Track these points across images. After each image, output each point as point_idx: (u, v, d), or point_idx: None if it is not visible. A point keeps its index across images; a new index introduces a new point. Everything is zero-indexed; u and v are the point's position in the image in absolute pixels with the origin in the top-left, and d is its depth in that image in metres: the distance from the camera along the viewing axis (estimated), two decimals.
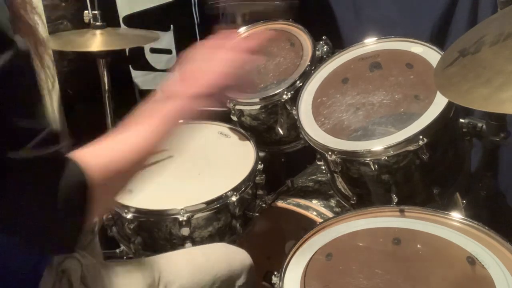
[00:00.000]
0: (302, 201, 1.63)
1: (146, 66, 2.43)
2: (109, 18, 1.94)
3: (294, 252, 1.16)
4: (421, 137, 1.21)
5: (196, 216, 1.34)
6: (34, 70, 0.75)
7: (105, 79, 1.86)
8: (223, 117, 1.74)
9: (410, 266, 1.07)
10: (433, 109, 1.26)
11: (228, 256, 1.26)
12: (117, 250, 1.52)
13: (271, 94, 1.57)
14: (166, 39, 2.40)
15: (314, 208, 1.59)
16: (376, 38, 1.53)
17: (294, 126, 1.53)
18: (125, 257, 1.48)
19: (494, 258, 1.02)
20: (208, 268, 1.19)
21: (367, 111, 1.37)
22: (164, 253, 1.23)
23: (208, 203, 1.35)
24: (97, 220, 1.54)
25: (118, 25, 2.27)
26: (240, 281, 1.23)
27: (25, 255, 0.92)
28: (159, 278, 1.10)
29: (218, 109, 1.90)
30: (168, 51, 2.42)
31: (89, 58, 1.84)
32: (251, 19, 2.03)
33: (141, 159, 0.89)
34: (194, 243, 1.36)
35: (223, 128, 1.71)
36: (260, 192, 1.53)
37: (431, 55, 1.38)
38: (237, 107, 1.63)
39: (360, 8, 2.12)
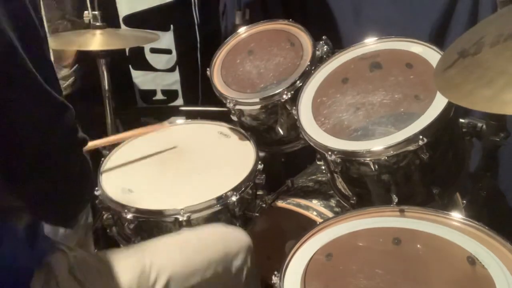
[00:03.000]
0: (302, 201, 1.63)
1: (146, 66, 2.43)
2: (109, 18, 1.95)
3: (294, 252, 1.16)
4: (421, 137, 1.21)
5: (196, 216, 1.34)
6: None
7: (105, 79, 1.86)
8: (223, 117, 1.74)
9: (410, 266, 1.07)
10: (433, 109, 1.26)
11: (224, 236, 1.26)
12: None
13: (271, 94, 1.56)
14: (166, 39, 2.40)
15: (314, 208, 1.59)
16: (376, 38, 1.53)
17: (294, 126, 1.53)
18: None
19: (495, 258, 1.02)
20: (202, 250, 1.18)
21: (367, 111, 1.37)
22: (155, 238, 1.22)
23: (208, 203, 1.35)
24: (91, 221, 1.55)
25: (118, 25, 2.27)
26: (237, 261, 1.22)
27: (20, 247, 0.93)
28: (151, 264, 1.10)
29: (218, 109, 1.91)
30: (168, 51, 2.43)
31: (89, 58, 1.84)
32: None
33: None
34: None
35: (223, 128, 1.71)
36: (260, 192, 1.53)
37: (431, 55, 1.38)
38: (237, 107, 1.63)
39: (360, 8, 2.12)
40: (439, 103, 1.26)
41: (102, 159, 1.56)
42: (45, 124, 0.84)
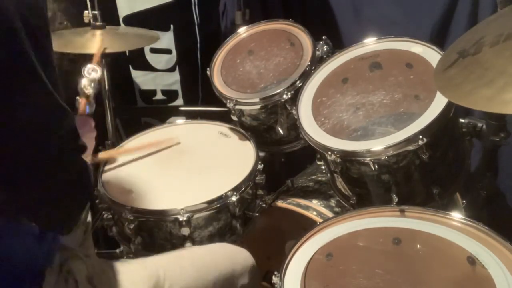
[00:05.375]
0: (302, 201, 1.63)
1: (146, 66, 2.43)
2: (109, 18, 1.94)
3: (294, 252, 1.16)
4: (421, 137, 1.21)
5: (196, 216, 1.34)
6: None
7: (105, 79, 1.86)
8: (223, 117, 1.74)
9: (410, 266, 1.07)
10: (433, 109, 1.26)
11: (231, 256, 1.27)
12: (117, 250, 1.52)
13: (271, 94, 1.56)
14: (166, 39, 2.40)
15: (314, 208, 1.59)
16: (376, 38, 1.53)
17: (294, 126, 1.53)
18: (125, 257, 1.48)
19: (494, 258, 1.02)
20: (211, 268, 1.20)
21: (367, 111, 1.37)
22: (168, 252, 1.23)
23: (208, 203, 1.35)
24: (90, 220, 1.56)
25: (118, 25, 2.27)
26: (242, 280, 1.23)
27: (31, 248, 0.93)
28: (164, 277, 1.10)
29: (218, 109, 1.91)
30: (168, 51, 2.43)
31: (89, 58, 1.84)
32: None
33: None
34: (194, 243, 1.36)
35: (223, 128, 1.71)
36: (260, 192, 1.53)
37: (431, 55, 1.38)
38: (237, 107, 1.63)
39: (360, 8, 2.12)
40: (439, 103, 1.26)
41: None
42: (46, 128, 0.84)
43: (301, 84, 1.54)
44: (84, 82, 1.41)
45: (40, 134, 0.83)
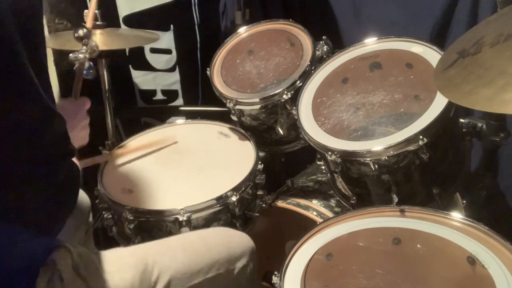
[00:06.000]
0: (302, 201, 1.63)
1: (146, 66, 2.43)
2: (109, 18, 1.94)
3: (294, 252, 1.16)
4: (421, 137, 1.21)
5: (196, 216, 1.34)
6: None
7: (105, 79, 1.86)
8: (223, 117, 1.74)
9: (410, 266, 1.07)
10: (433, 109, 1.26)
11: (227, 239, 1.26)
12: None
13: (271, 94, 1.57)
14: (166, 39, 2.40)
15: (314, 208, 1.59)
16: (376, 38, 1.53)
17: (294, 126, 1.53)
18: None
19: (494, 258, 1.02)
20: (205, 252, 1.19)
21: (367, 111, 1.37)
22: (159, 239, 1.22)
23: (208, 203, 1.35)
24: (91, 220, 1.56)
25: (118, 25, 2.27)
26: (240, 263, 1.22)
27: (25, 251, 0.93)
28: (153, 263, 1.10)
29: (218, 109, 1.91)
30: (168, 51, 2.43)
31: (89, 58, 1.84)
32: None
33: None
34: None
35: (223, 128, 1.71)
36: (260, 192, 1.53)
37: (431, 55, 1.38)
38: (237, 107, 1.63)
39: (360, 8, 2.12)
40: (439, 103, 1.26)
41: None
42: (35, 131, 0.84)
43: (301, 84, 1.54)
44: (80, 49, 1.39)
45: (29, 138, 0.83)
